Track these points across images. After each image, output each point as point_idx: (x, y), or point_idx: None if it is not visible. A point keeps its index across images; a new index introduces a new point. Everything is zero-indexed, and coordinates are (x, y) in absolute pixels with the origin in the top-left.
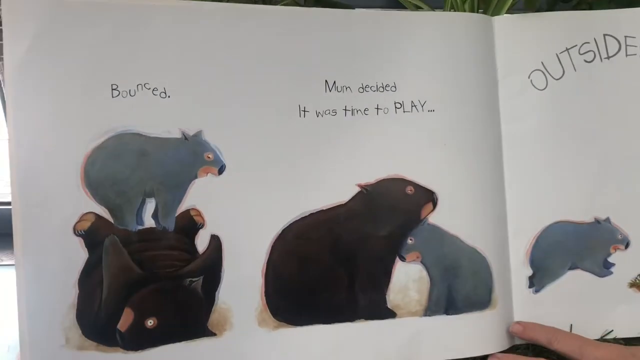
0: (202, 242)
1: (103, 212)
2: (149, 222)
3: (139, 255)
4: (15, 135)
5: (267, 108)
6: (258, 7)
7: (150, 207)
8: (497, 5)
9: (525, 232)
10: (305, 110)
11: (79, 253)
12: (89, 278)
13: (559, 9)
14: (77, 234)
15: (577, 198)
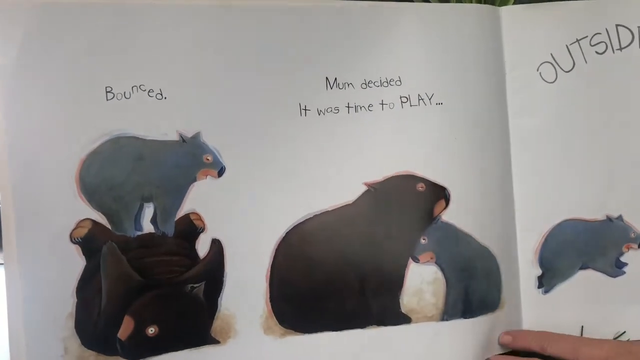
0: (203, 246)
1: (100, 218)
2: (148, 227)
3: (138, 262)
4: (8, 141)
5: (266, 107)
6: (254, 3)
7: (149, 212)
8: None
9: (534, 230)
10: (307, 109)
11: (76, 261)
12: (87, 286)
13: None
14: (73, 242)
15: (588, 195)
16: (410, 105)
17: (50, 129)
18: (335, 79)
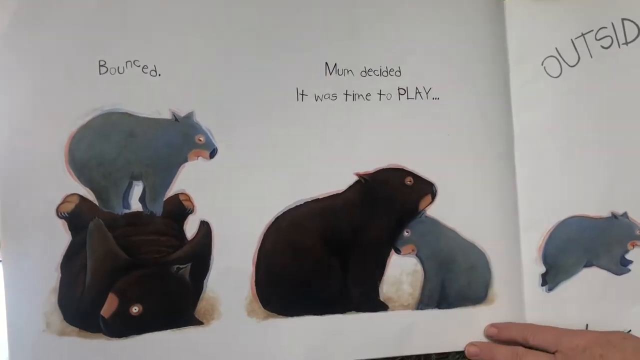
0: (191, 228)
1: (88, 194)
2: (136, 205)
3: (125, 240)
4: None
5: (262, 90)
6: None
7: (138, 190)
8: None
9: (538, 227)
10: (304, 94)
11: (62, 236)
12: (72, 262)
13: None
14: (60, 216)
15: (592, 191)
16: (407, 98)
17: (40, 102)
18: (335, 65)
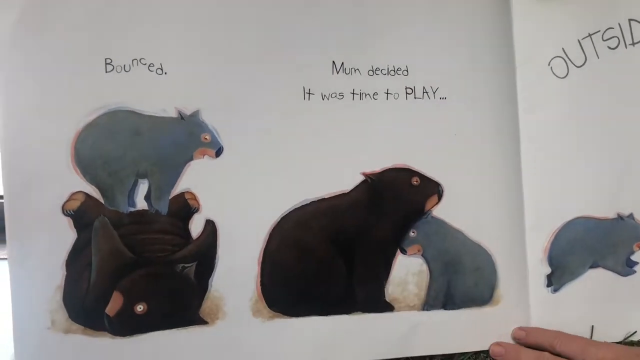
0: (196, 227)
1: (93, 192)
2: (142, 204)
3: (130, 238)
4: (5, 111)
5: (269, 89)
6: None
7: (143, 188)
8: None
9: (544, 228)
10: (310, 93)
11: (68, 233)
12: (77, 260)
13: None
14: (65, 214)
15: (599, 192)
16: (415, 98)
17: (47, 100)
18: (342, 64)
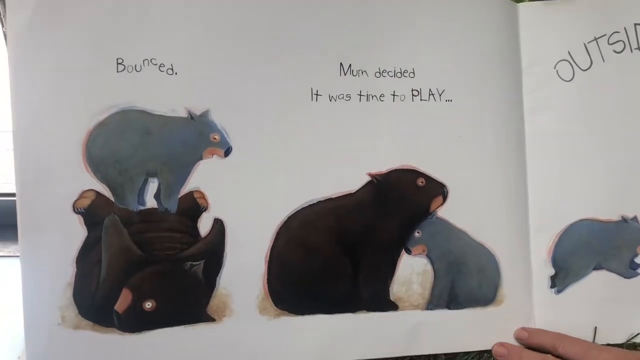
0: (204, 225)
1: (104, 190)
2: (151, 202)
3: (140, 236)
4: (17, 109)
5: (277, 90)
6: None
7: (153, 187)
8: None
9: (548, 229)
10: (318, 94)
11: (78, 231)
12: (87, 257)
13: None
14: (76, 212)
15: (603, 195)
16: (421, 100)
17: (59, 97)
18: (350, 66)
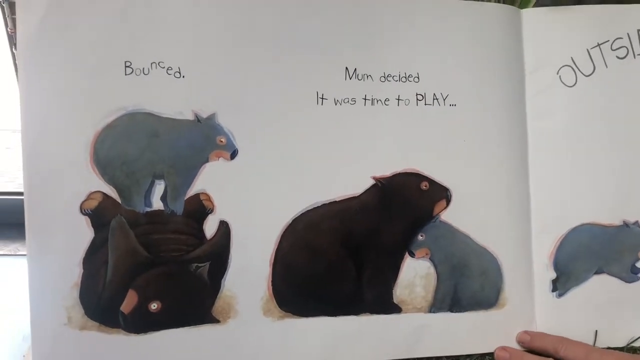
0: (210, 227)
1: (111, 191)
2: (158, 204)
3: (146, 238)
4: (26, 110)
5: (283, 94)
6: None
7: (159, 189)
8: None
9: (550, 233)
10: (324, 98)
11: (85, 232)
12: (94, 258)
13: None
14: (83, 213)
15: (605, 200)
16: (425, 104)
17: (68, 101)
18: (355, 70)
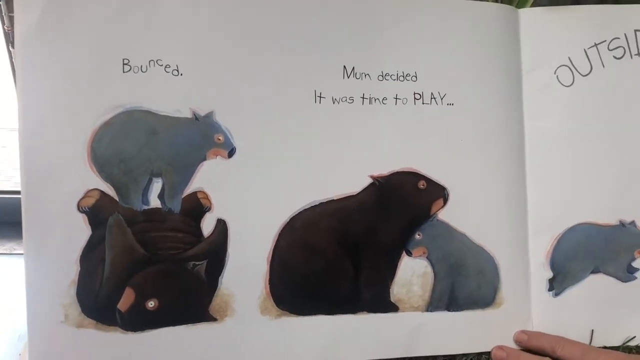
0: (207, 225)
1: (108, 189)
2: (155, 202)
3: (143, 236)
4: (24, 108)
5: (282, 92)
6: None
7: (157, 187)
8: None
9: (546, 233)
10: (322, 96)
11: (82, 230)
12: (91, 256)
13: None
14: (81, 211)
15: (601, 199)
16: (423, 103)
17: (65, 97)
18: (353, 69)
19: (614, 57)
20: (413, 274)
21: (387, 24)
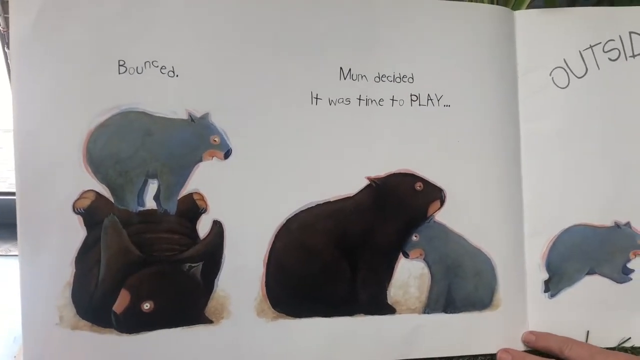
0: (203, 227)
1: (104, 190)
2: (151, 203)
3: (139, 237)
4: (19, 109)
5: (278, 93)
6: None
7: (153, 188)
8: (516, 1)
9: (542, 234)
10: (318, 98)
11: (78, 231)
12: (86, 257)
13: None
14: (76, 212)
15: (597, 201)
16: (419, 105)
17: (61, 100)
18: (350, 70)
19: (609, 58)
20: (410, 276)
21: (383, 26)
